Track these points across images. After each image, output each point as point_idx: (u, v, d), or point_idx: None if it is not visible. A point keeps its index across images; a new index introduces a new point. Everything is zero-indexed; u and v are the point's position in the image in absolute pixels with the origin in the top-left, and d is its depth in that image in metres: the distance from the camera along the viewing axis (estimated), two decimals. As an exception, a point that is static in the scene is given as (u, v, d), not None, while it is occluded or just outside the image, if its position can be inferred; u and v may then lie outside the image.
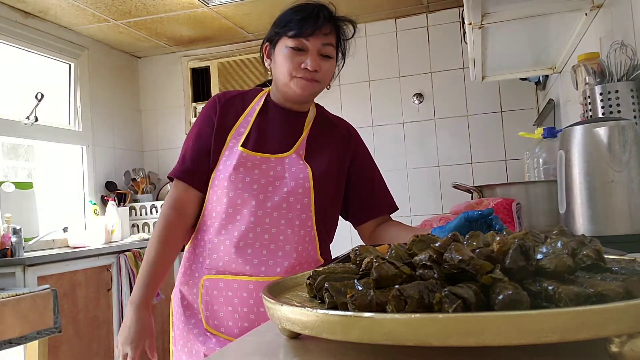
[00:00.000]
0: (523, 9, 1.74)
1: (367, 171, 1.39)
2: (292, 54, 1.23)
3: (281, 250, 1.20)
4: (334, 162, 1.30)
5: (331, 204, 1.30)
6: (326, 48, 1.25)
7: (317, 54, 1.24)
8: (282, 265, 1.19)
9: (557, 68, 2.63)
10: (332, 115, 1.42)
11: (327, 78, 1.28)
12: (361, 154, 1.39)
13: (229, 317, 1.19)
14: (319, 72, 1.24)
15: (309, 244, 1.23)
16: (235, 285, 1.19)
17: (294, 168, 1.24)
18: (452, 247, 0.45)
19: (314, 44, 1.23)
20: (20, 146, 3.52)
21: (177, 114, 4.34)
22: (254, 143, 1.27)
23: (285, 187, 1.22)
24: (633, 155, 0.99)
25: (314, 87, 1.26)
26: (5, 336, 2.04)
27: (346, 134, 1.38)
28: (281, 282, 0.64)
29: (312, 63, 1.22)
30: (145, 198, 4.04)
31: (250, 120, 1.30)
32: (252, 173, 1.23)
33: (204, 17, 3.64)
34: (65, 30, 3.67)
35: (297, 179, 1.23)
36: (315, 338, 0.49)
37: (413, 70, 3.84)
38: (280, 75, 1.26)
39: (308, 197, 1.22)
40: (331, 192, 1.29)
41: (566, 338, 0.35)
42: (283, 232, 1.20)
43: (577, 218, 1.06)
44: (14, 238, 2.68)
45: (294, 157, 1.26)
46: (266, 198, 1.21)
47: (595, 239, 0.50)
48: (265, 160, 1.25)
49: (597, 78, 1.32)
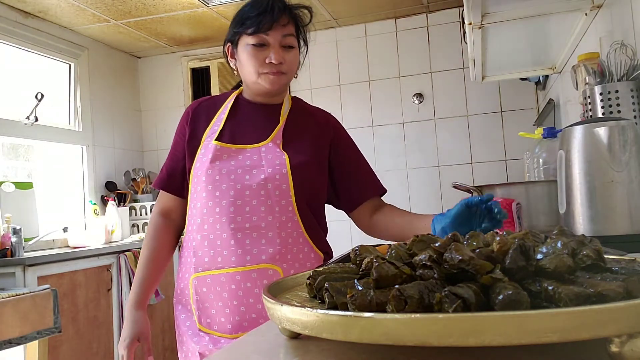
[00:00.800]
0: (523, 9, 1.74)
1: (349, 156, 1.38)
2: (254, 51, 1.25)
3: (264, 237, 1.20)
4: (312, 149, 1.30)
5: (313, 190, 1.30)
6: (287, 39, 1.26)
7: (279, 47, 1.25)
8: (266, 253, 1.19)
9: (557, 68, 2.63)
10: (309, 106, 1.43)
11: (292, 68, 1.30)
12: (341, 139, 1.38)
13: (221, 313, 1.20)
14: (284, 63, 1.26)
15: (292, 229, 1.23)
16: (222, 279, 1.19)
17: (270, 156, 1.25)
18: (452, 247, 0.45)
19: (275, 37, 1.24)
20: (20, 146, 3.52)
21: (177, 114, 4.34)
22: (229, 136, 1.29)
23: (263, 174, 1.22)
24: (633, 155, 0.99)
25: (281, 79, 1.27)
26: (5, 336, 2.04)
27: (324, 121, 1.38)
28: (281, 282, 0.64)
29: (276, 56, 1.23)
30: (145, 198, 4.04)
31: (223, 118, 1.32)
32: (228, 164, 1.24)
33: (204, 17, 3.64)
34: (65, 30, 3.67)
35: (274, 165, 1.23)
36: (315, 338, 0.49)
37: (413, 70, 3.84)
38: (247, 74, 1.28)
39: (286, 183, 1.23)
40: (312, 178, 1.28)
41: (566, 338, 0.35)
42: (264, 219, 1.21)
43: (577, 218, 1.06)
44: (14, 238, 2.68)
45: (270, 145, 1.27)
46: (244, 187, 1.22)
47: (595, 239, 0.50)
48: (241, 151, 1.26)
49: (597, 78, 1.32)
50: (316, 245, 1.28)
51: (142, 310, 1.31)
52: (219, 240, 1.21)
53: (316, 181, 1.30)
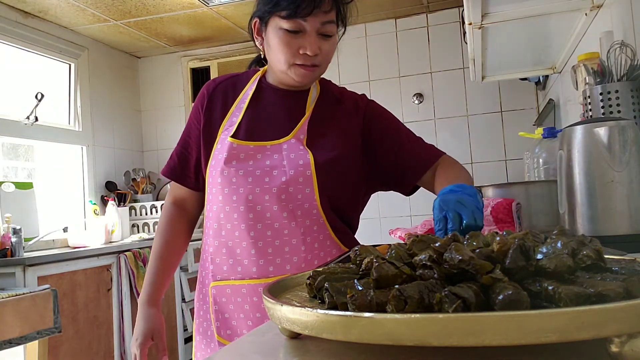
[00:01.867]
0: (523, 9, 1.74)
1: (389, 135, 1.19)
2: (287, 37, 1.07)
3: (287, 245, 1.08)
4: (341, 143, 1.15)
5: (345, 188, 1.15)
6: (326, 27, 1.08)
7: (316, 35, 1.07)
8: (291, 262, 1.08)
9: (557, 68, 2.63)
10: (338, 91, 1.25)
11: (328, 59, 1.13)
12: (376, 121, 1.20)
13: (243, 325, 1.10)
14: (319, 55, 1.09)
15: (318, 232, 1.10)
16: (243, 291, 1.09)
17: (293, 155, 1.11)
18: (452, 247, 0.45)
19: (313, 24, 1.06)
20: (20, 146, 3.51)
21: (177, 114, 4.34)
22: (247, 131, 1.15)
23: (284, 177, 1.08)
24: (633, 155, 0.99)
25: (314, 73, 1.11)
26: (5, 336, 2.04)
27: (352, 108, 1.21)
28: (281, 282, 0.64)
29: (312, 47, 1.06)
30: (145, 198, 4.04)
31: (242, 108, 1.18)
32: (245, 165, 1.11)
33: (204, 17, 3.64)
34: (65, 30, 3.67)
35: (297, 166, 1.09)
36: (315, 338, 0.49)
37: (413, 70, 3.84)
38: (276, 62, 1.12)
39: (310, 186, 1.09)
40: (342, 175, 1.13)
41: (566, 338, 0.35)
42: (287, 226, 1.08)
43: (577, 218, 1.06)
44: (14, 238, 2.68)
45: (293, 142, 1.12)
46: (263, 190, 1.08)
47: (595, 239, 0.50)
48: (261, 149, 1.12)
49: (597, 78, 1.32)
50: (345, 245, 1.15)
51: (154, 306, 1.21)
52: (239, 248, 1.09)
53: (347, 178, 1.15)
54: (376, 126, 1.20)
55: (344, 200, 1.16)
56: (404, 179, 1.18)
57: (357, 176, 1.18)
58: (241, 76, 1.24)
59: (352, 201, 1.20)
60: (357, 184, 1.19)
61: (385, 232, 3.66)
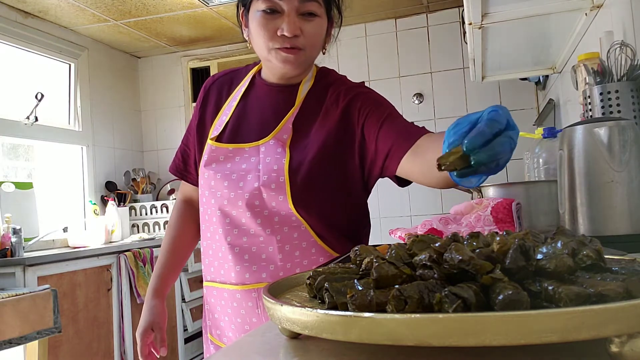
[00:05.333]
0: (523, 9, 1.74)
1: (371, 123, 1.03)
2: (264, 19, 1.00)
3: (264, 252, 1.03)
4: (320, 141, 1.05)
5: (323, 193, 1.05)
6: (307, 4, 1.00)
7: (295, 15, 0.99)
8: (267, 270, 1.03)
9: (557, 68, 2.63)
10: (332, 81, 1.13)
11: (314, 42, 1.03)
12: (357, 110, 1.06)
13: (228, 328, 1.11)
14: (300, 36, 1.00)
15: (299, 239, 1.03)
16: (225, 295, 1.08)
17: (269, 158, 1.03)
18: (452, 247, 0.45)
19: (290, 3, 0.99)
20: (20, 146, 3.51)
21: (177, 114, 4.34)
22: (231, 131, 1.10)
23: (257, 182, 1.02)
24: (633, 155, 0.99)
25: (298, 57, 1.02)
26: (5, 336, 2.04)
27: (334, 100, 1.08)
28: (281, 282, 0.64)
29: (289, 27, 0.98)
30: (145, 198, 4.04)
31: (233, 106, 1.13)
32: (223, 168, 1.06)
33: (204, 17, 3.63)
34: (65, 30, 3.67)
35: (270, 171, 1.02)
36: (315, 338, 0.49)
37: (413, 70, 3.84)
38: (258, 50, 1.05)
39: (284, 194, 1.01)
40: (318, 180, 1.04)
41: (566, 338, 0.35)
42: (261, 233, 1.03)
43: (577, 218, 1.06)
44: (14, 238, 2.68)
45: (271, 143, 1.04)
46: (237, 196, 1.04)
47: (595, 239, 0.50)
48: (239, 152, 1.06)
49: (597, 78, 1.32)
50: (339, 252, 1.06)
51: (159, 298, 1.23)
52: (220, 252, 1.08)
53: (326, 180, 1.05)
54: (358, 113, 1.06)
55: (327, 205, 1.05)
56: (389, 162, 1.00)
57: (340, 175, 1.06)
58: (240, 71, 1.20)
59: (338, 204, 1.08)
60: (342, 185, 1.07)
61: (385, 232, 3.66)
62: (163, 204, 3.93)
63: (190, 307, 3.52)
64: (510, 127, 0.52)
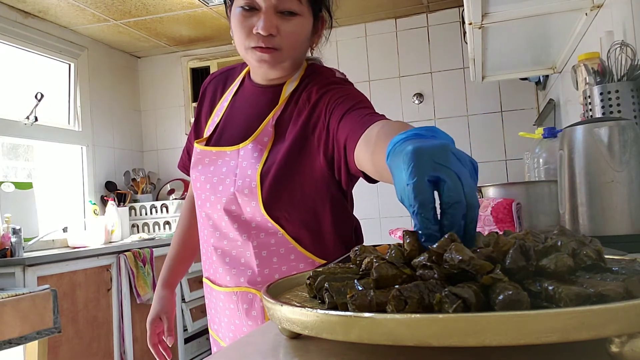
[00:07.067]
0: (523, 9, 1.73)
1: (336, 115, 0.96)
2: (242, 17, 0.97)
3: (242, 257, 1.03)
4: (290, 145, 1.00)
5: (297, 199, 1.00)
6: (285, 2, 0.96)
7: (273, 12, 0.95)
8: (245, 274, 1.03)
9: (557, 68, 2.63)
10: (312, 78, 1.07)
11: (293, 42, 0.99)
12: (325, 105, 0.99)
13: (219, 323, 1.14)
14: (276, 36, 0.96)
15: (276, 246, 1.01)
16: (213, 293, 1.12)
17: (245, 162, 1.01)
18: (452, 248, 0.45)
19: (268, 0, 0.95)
20: (20, 146, 3.51)
21: (177, 114, 4.34)
22: (219, 133, 1.09)
23: (232, 187, 1.01)
24: (633, 155, 0.99)
25: (274, 57, 0.98)
26: (4, 336, 2.04)
27: (306, 98, 1.03)
28: (281, 282, 0.64)
29: (264, 24, 0.94)
30: (145, 198, 4.04)
31: (224, 107, 1.11)
32: (207, 170, 1.06)
33: (204, 17, 3.63)
34: (65, 30, 3.67)
35: (245, 177, 1.00)
36: (315, 338, 0.49)
37: (413, 70, 3.84)
38: (237, 47, 1.02)
39: (255, 199, 0.98)
40: (290, 183, 0.99)
41: (566, 338, 0.35)
42: (239, 238, 1.02)
43: (577, 218, 1.05)
44: (14, 238, 2.68)
45: (249, 147, 1.02)
46: (216, 200, 1.04)
47: (595, 239, 0.50)
48: (222, 155, 1.05)
49: (597, 78, 1.32)
50: (323, 258, 1.02)
51: (168, 289, 1.27)
52: (208, 252, 1.11)
53: (300, 181, 1.00)
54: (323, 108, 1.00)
55: (301, 209, 1.01)
56: (349, 156, 0.91)
57: (310, 177, 1.00)
58: (235, 69, 1.17)
59: (314, 207, 1.02)
60: (315, 186, 1.01)
61: (385, 232, 3.66)
62: (163, 204, 3.93)
63: (190, 307, 3.52)
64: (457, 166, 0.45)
